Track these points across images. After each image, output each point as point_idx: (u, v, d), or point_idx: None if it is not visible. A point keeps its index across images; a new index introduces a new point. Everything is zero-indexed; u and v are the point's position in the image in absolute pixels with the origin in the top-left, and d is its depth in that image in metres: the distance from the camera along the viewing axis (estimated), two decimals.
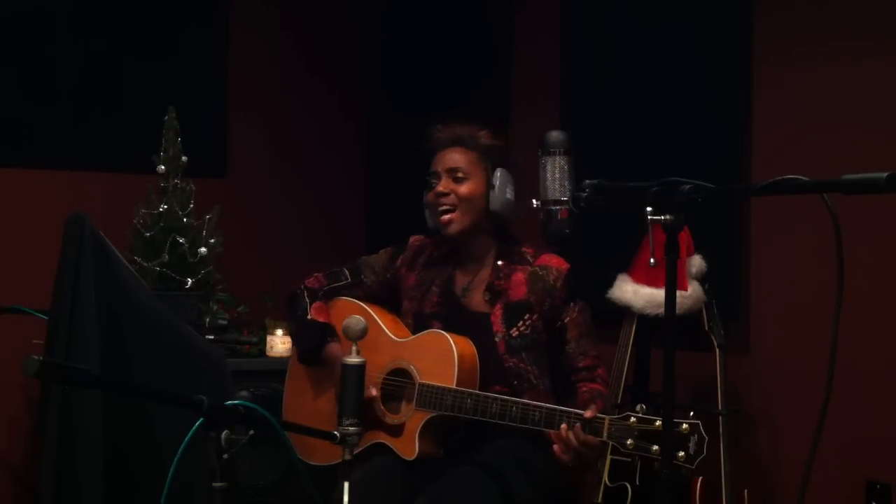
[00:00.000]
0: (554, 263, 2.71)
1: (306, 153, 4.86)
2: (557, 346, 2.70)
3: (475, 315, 2.73)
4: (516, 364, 2.67)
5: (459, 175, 2.72)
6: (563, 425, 2.38)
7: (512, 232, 2.79)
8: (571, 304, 2.69)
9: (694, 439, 2.21)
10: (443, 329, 2.68)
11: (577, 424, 2.37)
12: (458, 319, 2.72)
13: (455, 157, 2.74)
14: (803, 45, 3.47)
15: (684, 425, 2.21)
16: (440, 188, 2.72)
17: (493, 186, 2.71)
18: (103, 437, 3.03)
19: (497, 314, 2.69)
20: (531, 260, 2.73)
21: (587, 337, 2.70)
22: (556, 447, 2.40)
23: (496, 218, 2.74)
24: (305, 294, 2.86)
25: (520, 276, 2.71)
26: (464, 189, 2.71)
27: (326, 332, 2.77)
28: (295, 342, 2.91)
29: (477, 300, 2.74)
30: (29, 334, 3.47)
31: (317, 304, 2.84)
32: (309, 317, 2.81)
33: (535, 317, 2.68)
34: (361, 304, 2.83)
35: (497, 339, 2.67)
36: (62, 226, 3.17)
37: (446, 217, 2.71)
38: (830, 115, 3.39)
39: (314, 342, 2.78)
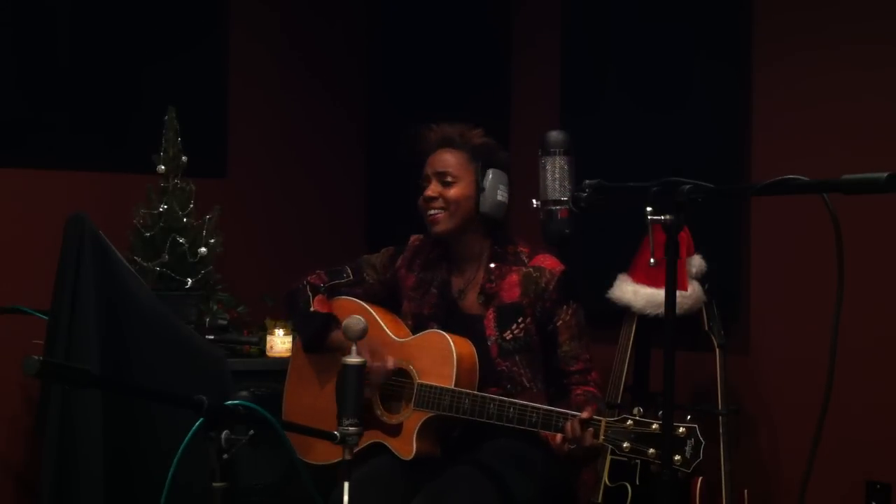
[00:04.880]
0: (547, 265, 2.69)
1: (306, 153, 4.86)
2: (550, 349, 2.69)
3: (469, 317, 2.72)
4: (509, 367, 2.66)
5: (448, 179, 2.70)
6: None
7: (506, 231, 2.78)
8: (564, 306, 2.67)
9: (690, 443, 2.21)
10: (440, 330, 2.68)
11: (576, 419, 2.37)
12: (453, 321, 2.72)
13: (444, 159, 2.72)
14: (803, 47, 3.47)
15: (681, 429, 2.21)
16: (429, 192, 2.71)
17: (483, 188, 2.70)
18: (103, 437, 3.03)
19: (490, 317, 2.69)
20: (526, 260, 2.72)
21: (579, 340, 2.68)
22: (558, 437, 2.40)
23: (487, 219, 2.73)
24: (308, 288, 2.87)
25: (513, 278, 2.70)
26: (452, 192, 2.70)
27: (330, 320, 2.77)
28: (298, 331, 2.91)
29: (471, 302, 2.74)
30: (29, 334, 3.46)
31: (319, 297, 2.85)
32: (312, 308, 2.81)
33: (527, 320, 2.67)
34: (362, 303, 2.83)
35: (490, 343, 2.67)
36: (62, 226, 3.16)
37: (433, 217, 2.71)
38: (830, 116, 3.39)
39: (318, 330, 2.78)
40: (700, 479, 3.39)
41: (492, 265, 2.72)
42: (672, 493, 2.17)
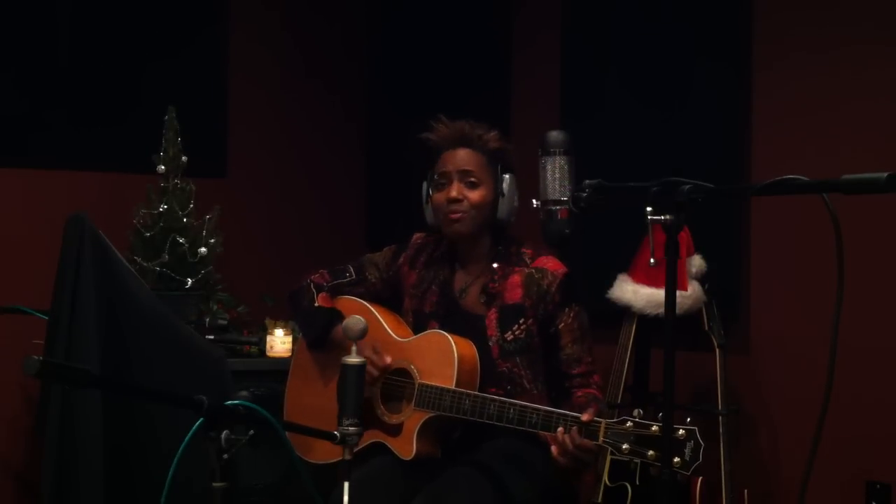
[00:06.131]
0: (550, 267, 2.68)
1: (306, 153, 4.86)
2: (552, 351, 2.69)
3: (471, 317, 2.71)
4: (510, 368, 2.66)
5: (472, 180, 2.68)
6: (560, 429, 2.38)
7: (511, 232, 2.78)
8: (566, 309, 2.66)
9: (690, 445, 2.20)
10: (440, 329, 2.68)
11: (574, 428, 2.36)
12: (454, 320, 2.71)
13: (466, 159, 2.69)
14: (803, 48, 3.47)
15: (681, 431, 2.21)
16: (453, 193, 2.67)
17: (502, 194, 2.69)
18: (103, 437, 3.03)
19: (492, 317, 2.68)
20: (529, 261, 2.71)
21: (581, 343, 2.67)
22: (553, 449, 2.40)
23: (500, 224, 2.73)
24: (311, 286, 2.87)
25: (516, 279, 2.69)
26: (476, 196, 2.67)
27: (334, 315, 2.77)
28: (302, 329, 2.91)
29: (473, 301, 2.73)
30: (29, 334, 3.46)
31: (322, 295, 2.85)
32: (316, 304, 2.82)
33: (529, 321, 2.66)
34: (364, 302, 2.83)
35: (491, 343, 2.66)
36: (62, 226, 3.16)
37: (456, 217, 2.69)
38: (830, 116, 3.40)
39: (322, 326, 2.78)
40: (700, 479, 3.39)
41: (495, 265, 2.72)
42: (672, 494, 2.17)
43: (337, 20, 4.96)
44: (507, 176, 2.70)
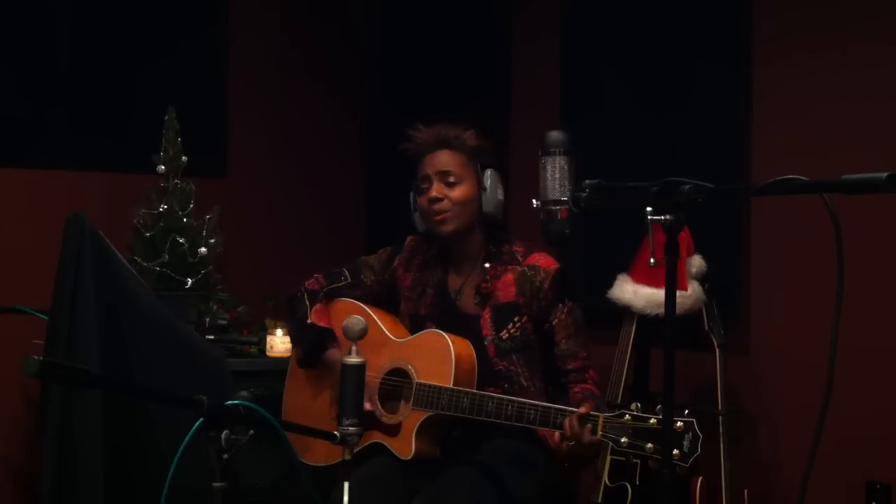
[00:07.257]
0: (542, 263, 2.70)
1: (306, 153, 4.86)
2: (548, 348, 2.69)
3: (466, 317, 2.72)
4: (506, 367, 2.66)
5: (451, 179, 2.70)
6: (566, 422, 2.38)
7: (504, 231, 2.79)
8: (560, 304, 2.67)
9: (688, 437, 2.21)
10: (438, 330, 2.68)
11: (574, 415, 2.37)
12: (450, 321, 2.72)
13: (444, 160, 2.72)
14: (803, 47, 3.47)
15: (679, 423, 2.21)
16: (434, 193, 2.70)
17: (485, 188, 2.70)
18: (103, 437, 3.03)
19: (486, 317, 2.69)
20: (521, 259, 2.72)
21: (576, 338, 2.68)
22: (556, 435, 2.40)
23: (489, 218, 2.73)
24: (305, 296, 2.86)
25: (509, 277, 2.70)
26: (457, 193, 2.70)
27: (326, 336, 2.77)
28: (295, 345, 2.91)
29: (468, 302, 2.74)
30: (29, 334, 3.46)
31: (317, 307, 2.84)
32: (309, 321, 2.81)
33: (524, 319, 2.67)
34: (361, 304, 2.84)
35: (486, 343, 2.67)
36: (62, 226, 3.16)
37: (440, 217, 2.70)
38: (830, 116, 3.39)
39: (314, 345, 2.78)
40: (700, 478, 3.39)
41: (486, 265, 2.73)
42: (672, 493, 2.17)
43: (336, 20, 4.96)
44: (488, 171, 2.71)
